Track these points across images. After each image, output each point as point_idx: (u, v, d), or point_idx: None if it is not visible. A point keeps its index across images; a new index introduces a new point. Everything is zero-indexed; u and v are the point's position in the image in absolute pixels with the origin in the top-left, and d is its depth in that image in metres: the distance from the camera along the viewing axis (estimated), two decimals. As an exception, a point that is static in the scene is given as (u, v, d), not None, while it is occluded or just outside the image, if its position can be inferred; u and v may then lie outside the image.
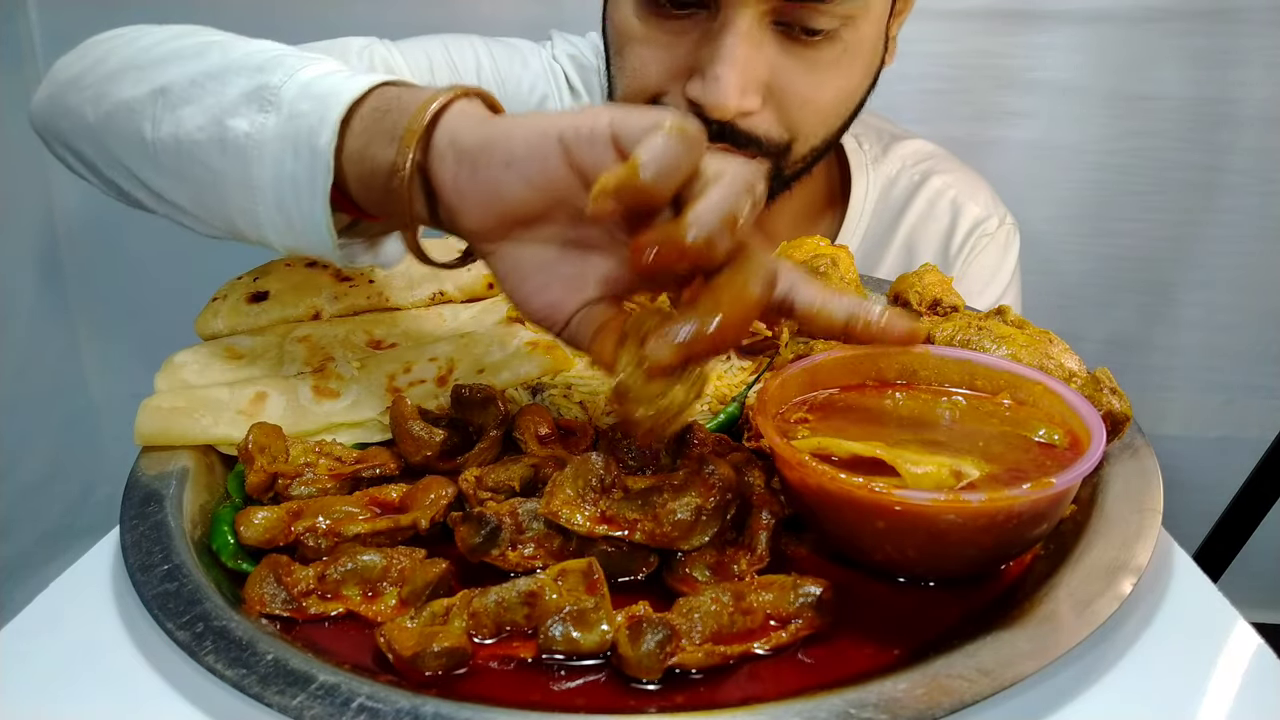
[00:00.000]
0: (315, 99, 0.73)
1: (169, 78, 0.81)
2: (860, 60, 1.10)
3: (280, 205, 0.76)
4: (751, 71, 1.02)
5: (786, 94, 1.06)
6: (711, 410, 0.84)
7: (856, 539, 0.65)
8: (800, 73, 1.05)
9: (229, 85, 0.77)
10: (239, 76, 0.77)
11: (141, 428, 0.81)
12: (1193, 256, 2.03)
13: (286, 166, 0.74)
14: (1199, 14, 1.84)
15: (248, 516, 0.68)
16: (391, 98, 0.72)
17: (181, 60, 0.83)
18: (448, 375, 0.86)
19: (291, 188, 0.74)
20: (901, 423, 0.72)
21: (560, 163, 0.62)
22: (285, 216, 0.76)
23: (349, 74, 0.75)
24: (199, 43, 0.85)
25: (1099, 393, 0.75)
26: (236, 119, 0.76)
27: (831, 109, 1.11)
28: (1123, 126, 1.95)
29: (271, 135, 0.74)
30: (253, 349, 0.92)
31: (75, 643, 0.63)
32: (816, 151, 1.15)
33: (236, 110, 0.76)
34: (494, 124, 0.67)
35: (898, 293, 0.94)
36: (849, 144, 1.35)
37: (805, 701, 0.54)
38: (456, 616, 0.60)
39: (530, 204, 0.65)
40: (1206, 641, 0.63)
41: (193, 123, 0.78)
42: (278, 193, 0.75)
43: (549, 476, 0.69)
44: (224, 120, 0.76)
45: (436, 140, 0.68)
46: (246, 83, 0.77)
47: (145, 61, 0.85)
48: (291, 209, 0.76)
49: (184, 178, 0.82)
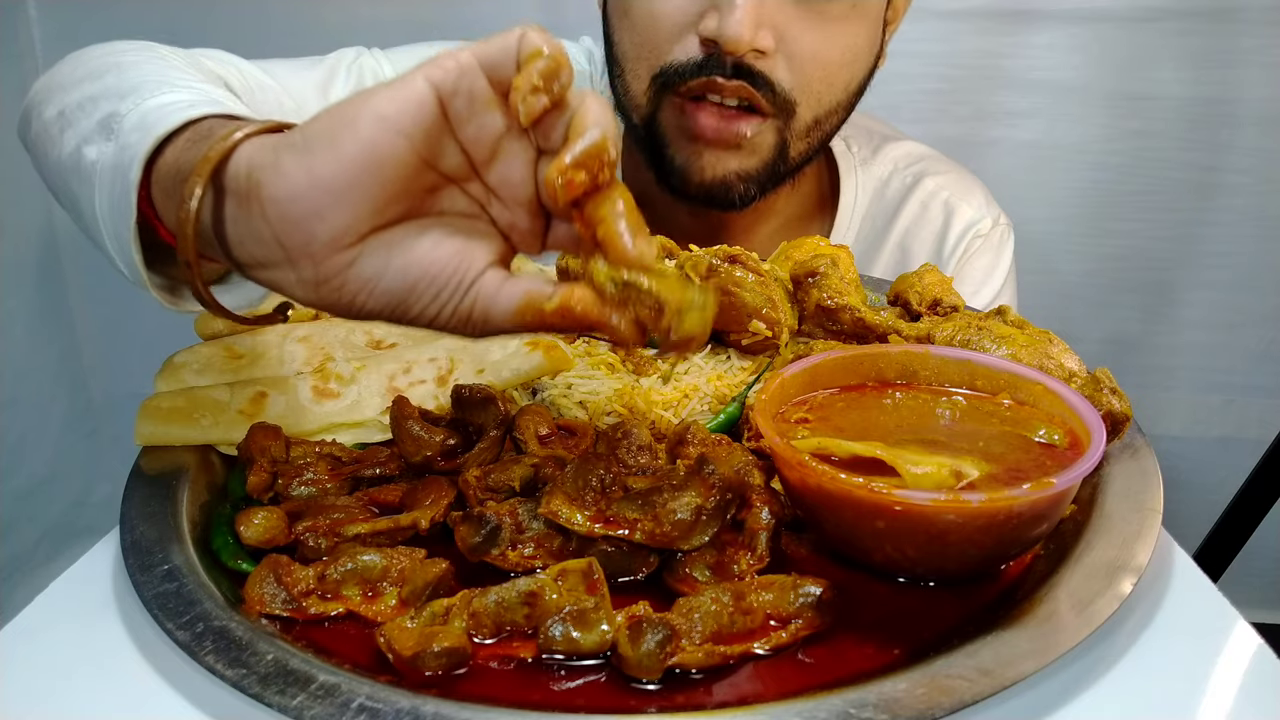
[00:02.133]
0: (142, 130, 0.68)
1: (68, 101, 0.80)
2: (866, 23, 1.12)
3: (112, 234, 0.71)
4: (765, 7, 1.04)
5: (797, 44, 1.08)
6: (711, 410, 0.84)
7: (856, 539, 0.65)
8: (810, 25, 1.07)
9: (96, 111, 0.75)
10: (106, 102, 0.75)
11: (141, 428, 0.81)
12: (1193, 256, 2.03)
13: (112, 197, 0.70)
14: (1198, 14, 1.84)
15: (248, 516, 0.68)
16: (204, 131, 0.66)
17: (85, 82, 0.81)
18: (448, 375, 0.86)
19: (112, 218, 0.70)
20: (901, 423, 0.72)
21: (431, 96, 0.57)
22: (116, 246, 0.71)
23: (188, 104, 0.70)
24: (109, 63, 0.82)
25: (1099, 393, 0.75)
26: (90, 146, 0.73)
27: (837, 70, 1.12)
28: (1122, 126, 1.95)
29: (108, 164, 0.70)
30: (253, 349, 0.92)
31: (75, 643, 0.63)
32: (819, 126, 1.15)
33: (91, 138, 0.74)
34: (320, 122, 0.58)
35: (898, 293, 0.94)
36: (838, 146, 1.35)
37: (805, 701, 0.54)
38: (456, 616, 0.60)
39: (407, 162, 0.58)
40: (1206, 641, 0.63)
41: (67, 148, 0.77)
42: (110, 223, 0.71)
43: (549, 476, 0.69)
44: (82, 147, 0.74)
45: (232, 170, 0.60)
46: (106, 109, 0.74)
47: (67, 82, 0.83)
48: (114, 240, 0.71)
49: (64, 203, 0.80)
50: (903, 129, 1.46)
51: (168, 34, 1.14)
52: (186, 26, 1.86)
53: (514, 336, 0.89)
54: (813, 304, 0.87)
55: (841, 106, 1.17)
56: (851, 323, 0.86)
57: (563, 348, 0.88)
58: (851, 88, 1.16)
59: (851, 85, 1.16)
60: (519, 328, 0.62)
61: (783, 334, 0.87)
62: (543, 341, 0.88)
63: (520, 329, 0.62)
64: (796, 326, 0.89)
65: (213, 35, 1.72)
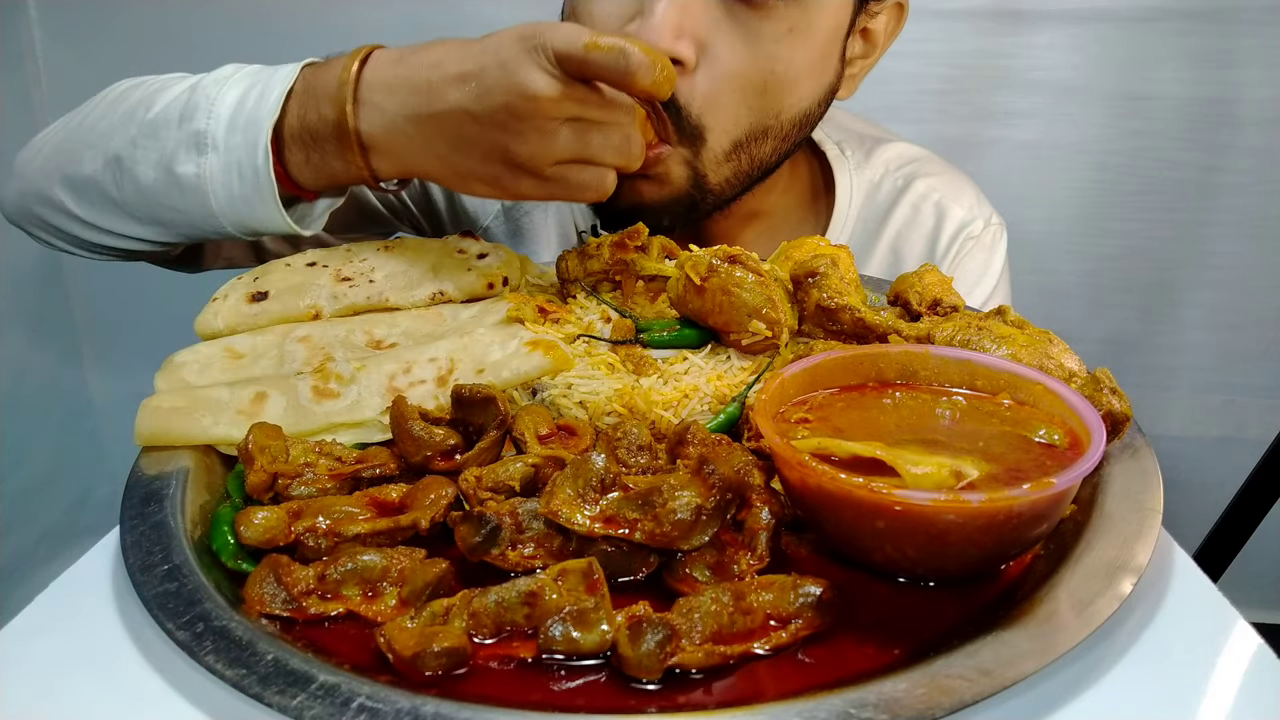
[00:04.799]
0: (241, 131, 0.91)
1: (116, 146, 0.97)
2: (802, 49, 1.04)
3: (238, 220, 0.95)
4: (689, 16, 0.98)
5: (719, 59, 1.01)
6: (711, 410, 0.84)
7: (856, 539, 0.65)
8: (737, 39, 1.01)
9: (164, 139, 0.94)
10: (169, 129, 0.94)
11: (141, 428, 0.81)
12: (1193, 256, 2.03)
13: (235, 190, 0.92)
14: (1198, 14, 1.84)
15: (248, 516, 0.68)
16: (305, 88, 0.91)
17: (120, 128, 0.98)
18: (448, 375, 0.86)
19: (245, 204, 0.93)
20: (901, 423, 0.72)
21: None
22: (245, 224, 0.96)
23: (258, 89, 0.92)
24: (129, 105, 1.00)
25: (1099, 393, 0.75)
26: (182, 165, 0.93)
27: (756, 90, 1.04)
28: (1122, 126, 1.95)
29: (217, 171, 0.92)
30: (253, 349, 0.92)
31: (75, 643, 0.63)
32: (740, 152, 1.08)
33: (178, 158, 0.93)
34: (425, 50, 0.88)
35: (898, 293, 0.94)
36: (831, 150, 1.34)
37: (805, 701, 0.54)
38: (456, 616, 0.60)
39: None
40: (1206, 641, 0.63)
41: (147, 178, 0.95)
42: (234, 211, 0.94)
43: (549, 476, 0.69)
44: (172, 169, 0.93)
45: (364, 89, 0.89)
46: (177, 133, 0.93)
47: (93, 139, 1.01)
48: (247, 218, 0.95)
49: (157, 221, 1.00)
50: (903, 129, 1.46)
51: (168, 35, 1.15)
52: (187, 28, 1.86)
53: (514, 336, 0.89)
54: (813, 304, 0.87)
55: (776, 133, 1.09)
56: (851, 323, 0.86)
57: (563, 348, 0.88)
58: (791, 113, 1.09)
59: (791, 111, 1.09)
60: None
61: (783, 334, 0.87)
62: (543, 341, 0.88)
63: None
64: (796, 326, 0.89)
65: (213, 37, 1.72)
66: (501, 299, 0.98)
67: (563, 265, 1.00)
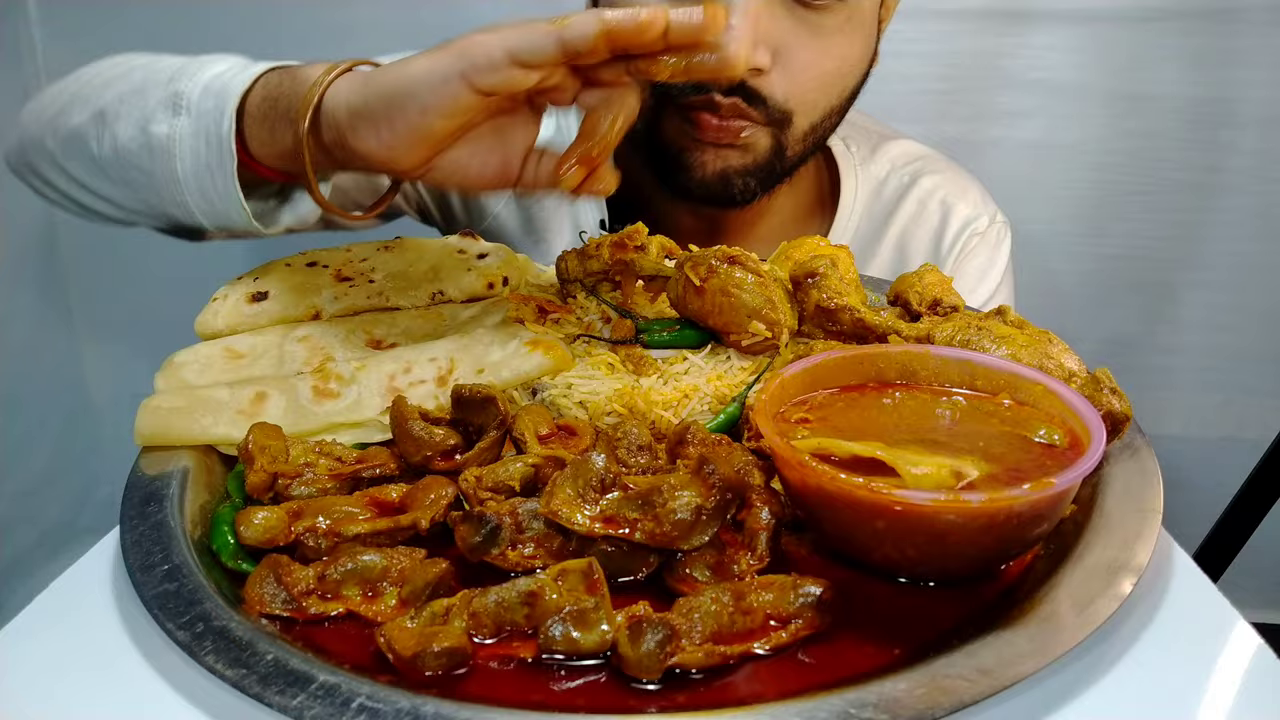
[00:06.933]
0: (214, 96, 0.89)
1: (104, 101, 0.96)
2: (860, 32, 1.15)
3: (202, 191, 0.91)
4: (763, 28, 1.07)
5: (794, 59, 1.11)
6: (711, 410, 0.84)
7: (856, 539, 0.65)
8: (806, 38, 1.11)
9: (148, 97, 0.92)
10: (155, 89, 0.93)
11: (141, 428, 0.81)
12: (1193, 256, 2.03)
13: (201, 157, 0.89)
14: (1198, 14, 1.84)
15: (248, 516, 0.68)
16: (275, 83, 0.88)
17: (113, 84, 0.98)
18: (448, 375, 0.86)
19: (208, 173, 0.90)
20: (901, 423, 0.72)
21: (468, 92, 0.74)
22: (208, 200, 0.92)
23: (242, 68, 0.91)
24: (128, 67, 1.00)
25: (1099, 393, 0.75)
26: (157, 124, 0.91)
27: (833, 79, 1.16)
28: (1122, 126, 1.95)
29: (186, 133, 0.90)
30: (253, 349, 0.92)
31: (75, 643, 0.63)
32: (815, 131, 1.19)
33: (155, 117, 0.91)
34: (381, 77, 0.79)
35: (898, 293, 0.94)
36: (837, 146, 1.36)
37: (805, 701, 0.54)
38: (456, 616, 0.60)
39: (452, 129, 0.78)
40: (1206, 641, 0.63)
41: (125, 135, 0.93)
42: (199, 180, 0.91)
43: (549, 476, 0.69)
44: (147, 128, 0.91)
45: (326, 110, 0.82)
46: (161, 93, 0.92)
47: (88, 92, 1.00)
48: (211, 191, 0.91)
49: (127, 183, 0.97)
50: (903, 129, 1.46)
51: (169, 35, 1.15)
52: (187, 27, 1.86)
53: (514, 336, 0.89)
54: (812, 304, 0.87)
55: (836, 111, 1.20)
56: (851, 323, 0.86)
57: (563, 348, 0.88)
58: (846, 93, 1.20)
59: (846, 91, 1.19)
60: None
61: (783, 334, 0.87)
62: (543, 341, 0.88)
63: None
64: (796, 327, 0.89)
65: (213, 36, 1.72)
66: (501, 299, 0.98)
67: (563, 265, 1.00)
